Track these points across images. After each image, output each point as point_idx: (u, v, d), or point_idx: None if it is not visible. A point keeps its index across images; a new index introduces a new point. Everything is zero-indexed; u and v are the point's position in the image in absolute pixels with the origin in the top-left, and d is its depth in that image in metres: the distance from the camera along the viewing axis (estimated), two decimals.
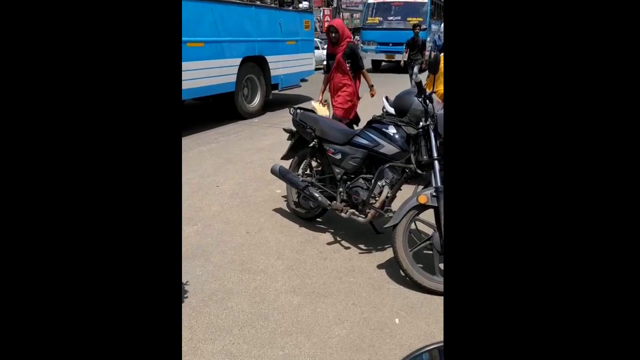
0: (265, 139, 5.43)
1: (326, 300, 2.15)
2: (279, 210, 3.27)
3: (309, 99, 7.58)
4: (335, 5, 32.36)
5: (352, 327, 1.95)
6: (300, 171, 3.10)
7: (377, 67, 15.01)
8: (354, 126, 4.21)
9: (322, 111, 4.04)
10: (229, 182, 3.90)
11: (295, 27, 7.89)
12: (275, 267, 2.47)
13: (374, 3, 14.71)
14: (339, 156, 2.68)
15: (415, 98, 2.36)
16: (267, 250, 2.68)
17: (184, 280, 2.32)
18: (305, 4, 8.43)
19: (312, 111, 3.05)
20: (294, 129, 3.10)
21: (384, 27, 14.09)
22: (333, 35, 4.09)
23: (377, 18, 14.37)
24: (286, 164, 3.19)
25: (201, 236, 2.85)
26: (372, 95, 4.46)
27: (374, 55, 14.51)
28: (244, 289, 2.26)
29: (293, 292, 2.23)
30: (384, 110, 2.54)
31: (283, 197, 3.43)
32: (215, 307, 2.09)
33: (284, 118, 5.70)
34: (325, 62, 4.54)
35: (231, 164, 4.45)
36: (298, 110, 3.03)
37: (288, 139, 3.21)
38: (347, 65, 4.13)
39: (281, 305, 2.11)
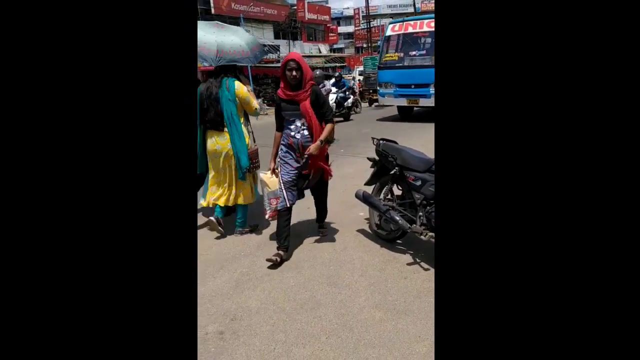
0: (350, 166, 5.51)
1: (406, 317, 2.10)
2: (362, 232, 3.29)
3: None
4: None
5: (432, 345, 1.87)
6: (381, 196, 3.10)
7: (406, 114, 10.68)
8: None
9: (274, 184, 2.88)
10: None
11: None
12: (359, 283, 2.48)
13: (395, 35, 10.36)
14: (419, 183, 2.65)
15: None
16: (352, 267, 2.70)
17: (279, 290, 2.43)
18: None
19: (394, 142, 3.05)
20: (376, 157, 3.14)
21: (405, 64, 10.01)
22: (294, 74, 2.57)
23: (397, 54, 10.27)
24: (369, 189, 3.22)
25: (295, 251, 2.97)
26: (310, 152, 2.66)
27: (393, 100, 10.38)
28: (330, 301, 2.29)
29: (375, 307, 2.21)
30: None
31: (366, 219, 3.44)
32: (306, 315, 2.16)
33: (365, 148, 5.73)
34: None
35: None
36: (381, 141, 3.06)
37: (371, 167, 3.25)
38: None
39: (364, 319, 2.10)
